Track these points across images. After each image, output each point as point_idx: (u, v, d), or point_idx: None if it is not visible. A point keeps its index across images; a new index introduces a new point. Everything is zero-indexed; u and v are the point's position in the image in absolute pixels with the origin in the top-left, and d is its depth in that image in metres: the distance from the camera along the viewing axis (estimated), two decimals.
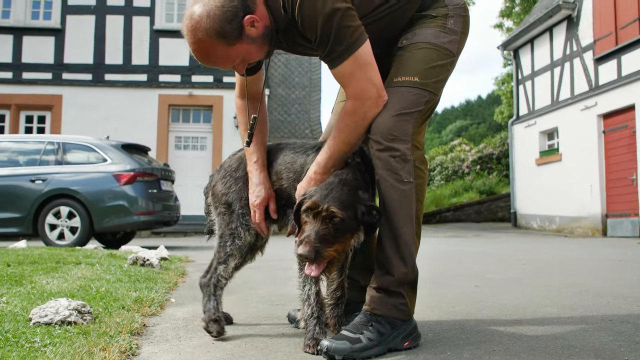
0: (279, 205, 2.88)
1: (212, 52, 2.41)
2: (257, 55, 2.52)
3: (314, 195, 2.41)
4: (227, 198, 2.92)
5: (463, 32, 2.72)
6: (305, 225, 2.39)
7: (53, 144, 10.85)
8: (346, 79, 2.49)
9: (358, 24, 2.43)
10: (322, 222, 2.35)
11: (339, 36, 2.40)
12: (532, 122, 19.91)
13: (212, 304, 2.83)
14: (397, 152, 2.47)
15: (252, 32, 2.42)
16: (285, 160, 2.84)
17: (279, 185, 2.84)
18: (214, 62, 2.48)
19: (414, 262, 2.53)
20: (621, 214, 15.39)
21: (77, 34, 18.45)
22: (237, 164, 2.98)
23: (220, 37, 2.36)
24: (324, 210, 2.35)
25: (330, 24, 2.37)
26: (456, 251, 9.08)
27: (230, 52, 2.43)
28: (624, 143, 15.26)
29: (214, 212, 2.98)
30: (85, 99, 18.17)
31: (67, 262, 5.57)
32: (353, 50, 2.43)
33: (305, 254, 2.29)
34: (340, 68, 2.47)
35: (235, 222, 2.87)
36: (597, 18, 16.36)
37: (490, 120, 49.43)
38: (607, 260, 7.23)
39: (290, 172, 2.80)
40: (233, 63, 2.50)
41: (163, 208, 11.02)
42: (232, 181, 2.94)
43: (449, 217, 24.36)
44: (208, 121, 18.99)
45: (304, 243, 2.31)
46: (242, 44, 2.43)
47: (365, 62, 2.46)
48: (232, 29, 2.36)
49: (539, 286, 4.58)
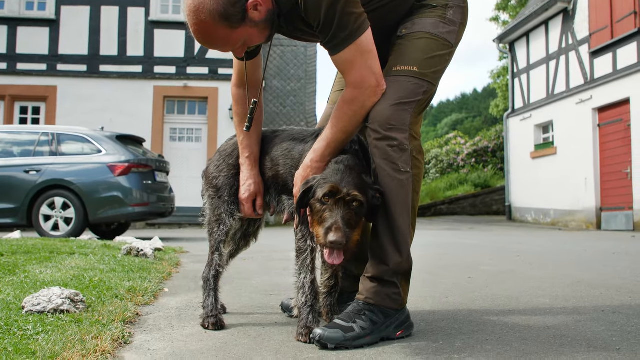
0: (275, 192, 2.87)
1: (214, 35, 2.39)
2: (258, 39, 2.50)
3: (328, 180, 2.39)
4: (216, 182, 2.92)
5: (462, 23, 2.72)
6: (325, 213, 2.36)
7: (47, 135, 10.81)
8: (347, 66, 2.48)
9: (361, 11, 2.42)
10: (345, 206, 2.34)
11: (342, 23, 2.38)
12: (527, 115, 19.93)
13: (210, 300, 2.83)
14: (395, 141, 2.47)
15: (255, 15, 2.40)
16: (283, 147, 2.83)
17: (275, 172, 2.83)
18: (214, 45, 2.46)
19: (408, 252, 2.53)
20: (615, 207, 15.43)
21: (71, 25, 18.36)
22: (231, 149, 2.98)
23: (223, 19, 2.33)
24: (346, 195, 2.33)
25: (334, 10, 2.35)
26: (450, 243, 9.10)
27: (232, 35, 2.40)
28: (619, 137, 15.29)
29: (205, 195, 2.99)
30: (80, 90, 18.11)
31: (61, 252, 5.56)
32: (355, 38, 2.42)
33: (339, 240, 2.25)
34: (342, 55, 2.46)
35: (220, 207, 2.88)
36: (592, 11, 16.36)
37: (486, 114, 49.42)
38: (600, 253, 7.25)
39: (287, 159, 2.79)
40: (234, 46, 2.48)
41: (158, 199, 11.01)
42: (224, 166, 2.95)
43: (444, 210, 24.40)
44: (203, 113, 18.94)
45: (334, 229, 2.27)
46: (244, 27, 2.41)
47: (366, 50, 2.45)
48: (235, 12, 2.34)
49: (532, 278, 4.59)
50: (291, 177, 2.73)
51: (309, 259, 2.56)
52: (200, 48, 18.51)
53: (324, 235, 2.30)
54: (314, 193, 2.41)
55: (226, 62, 18.43)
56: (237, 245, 3.18)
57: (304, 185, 2.46)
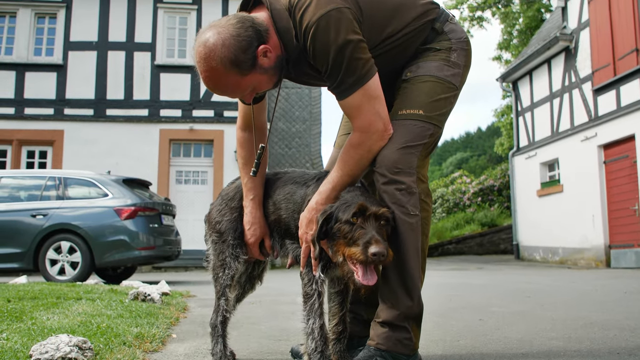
0: (278, 235, 2.85)
1: (224, 81, 2.40)
2: (267, 85, 2.52)
3: (352, 202, 2.38)
4: (219, 226, 2.91)
5: (465, 66, 2.74)
6: (357, 231, 2.33)
7: (54, 179, 10.86)
8: (354, 111, 2.49)
9: (368, 57, 2.44)
10: (376, 223, 2.33)
11: (350, 68, 2.40)
12: (532, 153, 19.94)
13: (219, 347, 2.81)
14: (403, 185, 2.47)
15: (264, 62, 2.42)
16: (285, 190, 2.82)
17: (277, 215, 2.82)
18: (224, 91, 2.47)
19: (419, 295, 2.50)
20: (624, 244, 15.31)
21: (78, 70, 18.59)
22: (233, 193, 2.97)
23: (234, 66, 2.35)
24: (376, 211, 2.33)
25: (342, 56, 2.37)
26: (459, 284, 9.03)
27: (242, 81, 2.42)
28: (625, 173, 15.26)
29: (208, 240, 2.97)
30: (86, 134, 18.23)
31: (68, 298, 5.53)
32: (363, 83, 2.43)
33: (382, 251, 2.23)
34: (349, 100, 2.47)
35: (225, 251, 2.86)
36: (594, 49, 16.48)
37: (491, 152, 49.50)
38: (611, 292, 7.17)
39: (289, 202, 2.78)
40: (243, 93, 2.49)
41: (164, 243, 10.99)
42: (226, 209, 2.94)
43: (451, 250, 24.28)
44: (209, 155, 19.03)
45: (374, 242, 2.25)
46: (254, 74, 2.42)
47: (374, 95, 2.46)
48: (246, 59, 2.36)
49: (544, 319, 4.53)
50: (293, 221, 2.72)
51: (317, 304, 2.53)
52: (206, 91, 18.66)
53: (362, 251, 2.26)
54: (337, 218, 2.39)
55: (231, 104, 18.57)
56: (243, 289, 3.15)
57: (322, 215, 2.43)
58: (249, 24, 2.38)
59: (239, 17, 2.40)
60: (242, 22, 2.38)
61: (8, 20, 18.92)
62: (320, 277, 2.51)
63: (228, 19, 2.40)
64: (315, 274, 2.50)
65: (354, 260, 2.31)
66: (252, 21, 2.40)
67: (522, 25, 31.68)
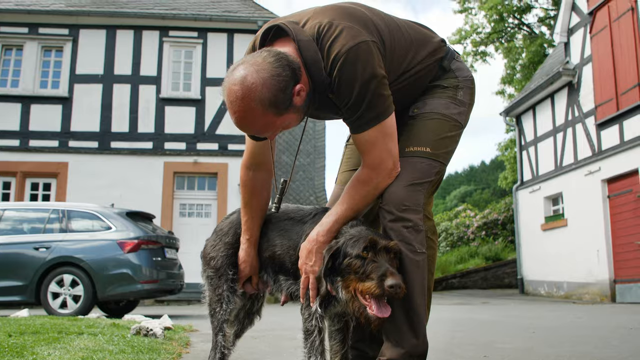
0: (272, 271, 2.83)
1: (260, 121, 2.33)
2: (295, 123, 2.49)
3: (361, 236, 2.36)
4: (214, 262, 2.90)
5: (470, 104, 2.75)
6: (370, 265, 2.31)
7: (57, 212, 10.88)
8: (368, 146, 2.48)
9: (389, 94, 2.45)
10: (387, 255, 2.32)
11: (372, 103, 2.40)
12: (536, 187, 19.93)
13: None
14: (410, 222, 2.46)
15: (298, 101, 2.38)
16: (279, 227, 2.81)
17: (272, 252, 2.80)
18: (256, 130, 2.41)
19: (424, 333, 2.48)
20: (630, 279, 15.20)
21: (84, 102, 18.71)
22: (227, 228, 2.96)
23: (272, 107, 2.29)
24: (386, 245, 2.32)
25: (367, 90, 2.37)
26: (463, 319, 8.95)
27: (277, 121, 2.37)
28: (630, 208, 15.21)
29: (204, 276, 2.96)
30: (90, 166, 18.27)
31: (70, 332, 5.49)
32: (381, 119, 2.44)
33: (399, 283, 2.22)
34: (365, 134, 2.47)
35: (222, 286, 2.84)
36: (597, 84, 16.56)
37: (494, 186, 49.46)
38: (617, 328, 7.10)
39: (284, 239, 2.77)
40: (274, 132, 2.44)
41: (167, 276, 10.95)
42: (221, 245, 2.92)
43: (455, 284, 24.13)
44: (213, 188, 19.05)
45: (389, 274, 2.24)
46: (289, 113, 2.38)
47: (389, 133, 2.47)
48: (284, 99, 2.31)
49: (550, 356, 4.48)
50: (289, 257, 2.71)
51: (318, 341, 2.51)
52: (210, 124, 18.77)
53: (378, 284, 2.25)
54: (346, 254, 2.36)
55: (236, 137, 18.64)
56: (241, 324, 3.12)
57: (329, 251, 2.40)
58: (285, 62, 2.32)
59: (274, 55, 2.34)
60: (279, 61, 2.31)
61: (15, 52, 19.10)
62: (318, 311, 2.49)
63: (263, 56, 2.32)
64: (312, 306, 2.48)
65: (368, 294, 2.29)
66: (287, 59, 2.34)
67: (525, 60, 31.92)
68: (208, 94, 18.90)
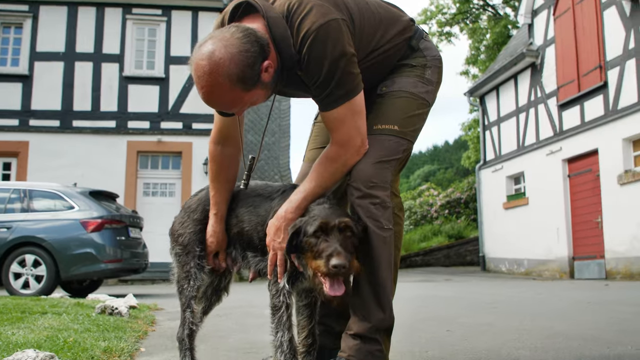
0: (241, 247, 2.85)
1: (226, 97, 2.33)
2: (263, 99, 2.49)
3: (318, 217, 2.39)
4: (182, 239, 2.90)
5: (437, 83, 2.79)
6: (321, 245, 2.34)
7: (19, 192, 10.71)
8: (337, 124, 2.50)
9: (358, 72, 2.46)
10: (339, 235, 2.34)
11: (342, 81, 2.41)
12: (498, 166, 20.21)
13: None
14: (377, 199, 2.49)
15: (265, 77, 2.39)
16: (247, 203, 2.82)
17: (240, 228, 2.81)
18: (223, 106, 2.42)
19: (391, 308, 2.53)
20: (587, 256, 15.58)
21: (45, 81, 18.33)
22: (195, 205, 2.96)
23: (240, 82, 2.29)
24: (338, 224, 2.34)
25: (336, 68, 2.38)
26: (427, 296, 9.08)
27: (244, 97, 2.37)
28: (589, 187, 15.54)
29: (172, 253, 2.96)
30: (52, 145, 17.96)
31: (33, 312, 5.45)
32: (350, 97, 2.45)
33: (343, 263, 2.23)
34: (334, 112, 2.48)
35: (190, 262, 2.84)
36: (560, 65, 16.80)
37: (458, 165, 49.97)
38: (575, 303, 7.29)
39: (252, 215, 2.78)
40: (242, 108, 2.44)
41: (131, 255, 10.88)
42: (189, 222, 2.92)
43: (419, 262, 24.43)
44: (177, 167, 18.89)
45: (335, 254, 2.26)
46: (256, 89, 2.38)
47: (357, 110, 2.49)
48: (252, 75, 2.32)
49: (510, 330, 4.59)
50: (256, 234, 2.72)
51: (285, 316, 2.53)
52: (174, 103, 18.58)
53: (325, 263, 2.28)
54: (305, 232, 2.40)
55: (200, 116, 18.49)
56: (209, 301, 3.12)
57: (292, 228, 2.44)
58: (253, 38, 2.32)
59: (242, 30, 2.33)
60: (247, 37, 2.31)
61: None
62: (285, 287, 2.52)
63: (231, 32, 2.32)
64: (280, 282, 2.51)
65: (319, 272, 2.33)
66: (256, 35, 2.34)
67: (489, 41, 32.18)
68: (172, 73, 18.68)
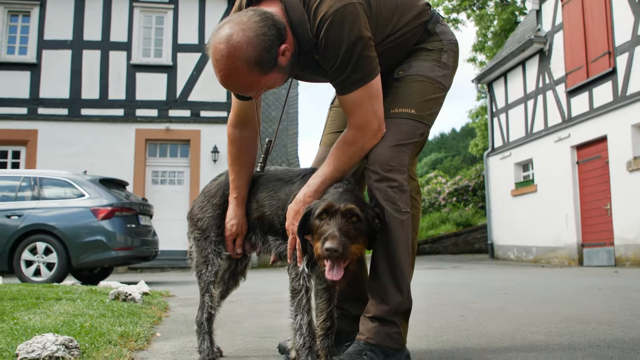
0: (261, 232, 2.87)
1: (244, 80, 2.36)
2: (280, 83, 2.51)
3: (325, 199, 2.41)
4: (201, 223, 2.92)
5: (454, 67, 2.79)
6: (323, 227, 2.36)
7: (29, 180, 10.75)
8: (354, 107, 2.51)
9: (375, 56, 2.47)
10: (342, 219, 2.35)
11: (358, 65, 2.42)
12: (507, 154, 20.15)
13: (206, 344, 2.83)
14: (395, 182, 2.50)
15: (283, 61, 2.41)
16: (268, 187, 2.85)
17: (261, 212, 2.84)
18: (241, 89, 2.44)
19: (409, 291, 2.54)
20: (596, 243, 15.55)
21: (53, 69, 18.36)
22: (215, 190, 2.98)
23: (257, 65, 2.31)
24: (342, 209, 2.35)
25: (353, 52, 2.39)
26: (437, 282, 9.10)
27: (262, 80, 2.39)
28: (598, 174, 15.49)
29: (190, 237, 2.98)
30: (61, 134, 18.01)
31: (48, 298, 5.49)
32: (367, 81, 2.46)
33: (334, 247, 2.25)
34: (351, 96, 2.49)
35: (207, 248, 2.87)
36: (568, 52, 16.70)
37: (465, 153, 49.87)
38: (586, 289, 7.29)
39: (273, 199, 2.80)
40: (259, 91, 2.46)
41: (141, 243, 10.93)
42: (208, 206, 2.95)
43: (427, 249, 24.44)
44: (185, 155, 18.93)
45: (330, 238, 2.27)
46: (273, 73, 2.40)
47: (374, 94, 2.49)
48: (269, 59, 2.33)
49: (523, 315, 4.60)
50: (277, 218, 2.75)
51: (305, 299, 2.55)
52: (182, 91, 18.59)
53: (320, 246, 2.31)
54: (313, 215, 2.42)
55: (208, 104, 18.51)
56: (226, 286, 3.16)
57: (306, 209, 2.47)
58: (271, 22, 2.34)
59: (260, 14, 2.35)
60: (264, 20, 2.33)
61: None
62: (305, 271, 2.53)
63: (249, 15, 2.34)
64: (299, 266, 2.53)
65: (316, 254, 2.36)
66: (273, 18, 2.36)
67: (496, 28, 31.97)
68: (180, 60, 18.69)
